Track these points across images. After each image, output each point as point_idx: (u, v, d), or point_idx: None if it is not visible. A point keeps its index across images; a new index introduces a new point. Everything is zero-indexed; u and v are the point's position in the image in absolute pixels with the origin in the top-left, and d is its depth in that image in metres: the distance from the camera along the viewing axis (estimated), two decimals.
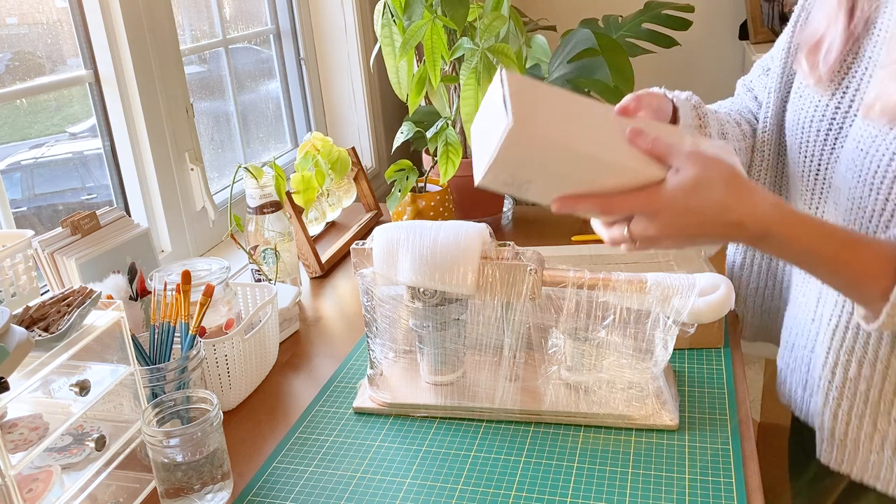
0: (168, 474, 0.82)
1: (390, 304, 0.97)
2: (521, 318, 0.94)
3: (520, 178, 0.75)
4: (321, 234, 1.69)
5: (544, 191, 0.77)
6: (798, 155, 0.95)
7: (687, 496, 0.81)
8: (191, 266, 1.03)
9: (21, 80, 1.29)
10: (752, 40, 2.91)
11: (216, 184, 1.78)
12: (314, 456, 0.93)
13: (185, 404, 0.86)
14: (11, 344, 0.70)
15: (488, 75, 1.38)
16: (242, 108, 1.95)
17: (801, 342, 0.99)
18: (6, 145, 1.33)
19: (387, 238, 0.94)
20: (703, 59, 3.09)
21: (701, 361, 1.06)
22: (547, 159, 0.73)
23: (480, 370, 1.01)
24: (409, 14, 1.43)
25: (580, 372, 0.96)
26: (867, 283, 0.76)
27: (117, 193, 1.49)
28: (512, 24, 1.47)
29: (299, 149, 1.61)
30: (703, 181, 0.73)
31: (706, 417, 0.94)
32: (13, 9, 1.31)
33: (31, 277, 1.04)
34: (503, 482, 0.86)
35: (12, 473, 0.71)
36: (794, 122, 0.95)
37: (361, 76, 2.25)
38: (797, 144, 0.95)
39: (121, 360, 0.86)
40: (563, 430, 0.94)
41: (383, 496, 0.85)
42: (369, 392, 1.02)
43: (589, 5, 2.94)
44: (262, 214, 1.28)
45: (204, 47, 1.79)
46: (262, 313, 1.08)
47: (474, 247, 0.91)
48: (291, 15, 2.15)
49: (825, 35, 0.89)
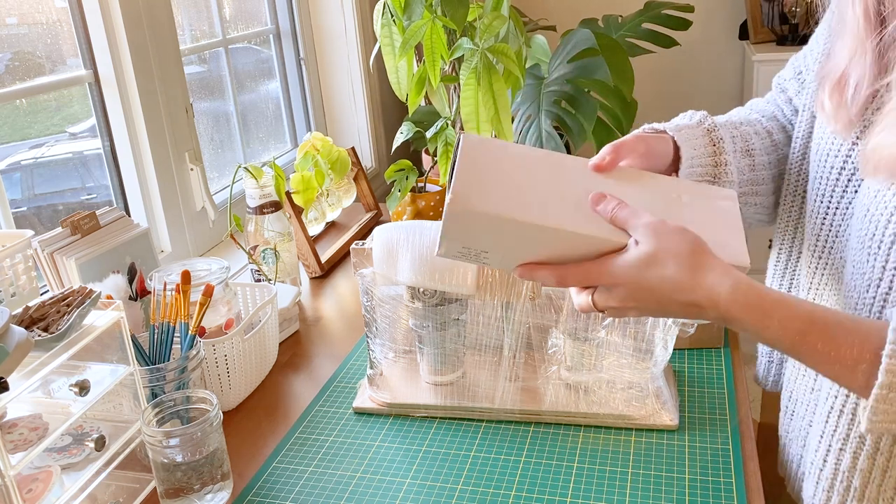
0: (168, 474, 0.82)
1: (390, 304, 0.97)
2: (521, 318, 0.94)
3: (474, 249, 0.73)
4: (321, 234, 1.69)
5: (503, 260, 0.74)
6: (813, 202, 0.85)
7: (687, 496, 0.81)
8: (190, 266, 1.02)
9: (21, 80, 1.29)
10: (752, 40, 2.91)
11: (216, 184, 1.78)
12: (314, 456, 0.93)
13: (184, 404, 0.86)
14: (11, 344, 0.70)
15: (488, 75, 1.38)
16: (242, 108, 1.95)
17: (801, 411, 0.90)
18: (6, 145, 1.33)
19: (387, 238, 0.94)
20: (703, 59, 3.09)
21: (701, 361, 1.06)
22: (494, 232, 0.71)
23: (480, 370, 1.01)
24: (408, 14, 1.43)
25: (580, 372, 0.96)
26: (849, 378, 0.66)
27: (117, 193, 1.49)
28: (512, 24, 1.47)
29: (299, 149, 1.61)
30: (656, 257, 0.68)
31: (706, 417, 0.94)
32: (13, 9, 1.31)
33: (31, 277, 1.04)
34: (503, 482, 0.86)
35: (12, 473, 0.71)
36: (814, 166, 0.84)
37: (361, 76, 2.25)
38: (812, 192, 0.85)
39: (120, 360, 0.86)
40: (563, 430, 0.94)
41: (383, 496, 0.85)
42: (369, 392, 1.02)
43: (589, 5, 2.95)
44: (261, 214, 1.28)
45: (204, 47, 1.79)
46: (262, 313, 1.08)
47: None
48: (291, 15, 2.15)
49: (849, 70, 0.76)
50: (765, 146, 0.94)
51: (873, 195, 0.72)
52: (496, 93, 1.39)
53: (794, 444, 0.92)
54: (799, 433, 0.91)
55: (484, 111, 1.39)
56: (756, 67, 2.70)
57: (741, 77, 3.08)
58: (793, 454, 0.93)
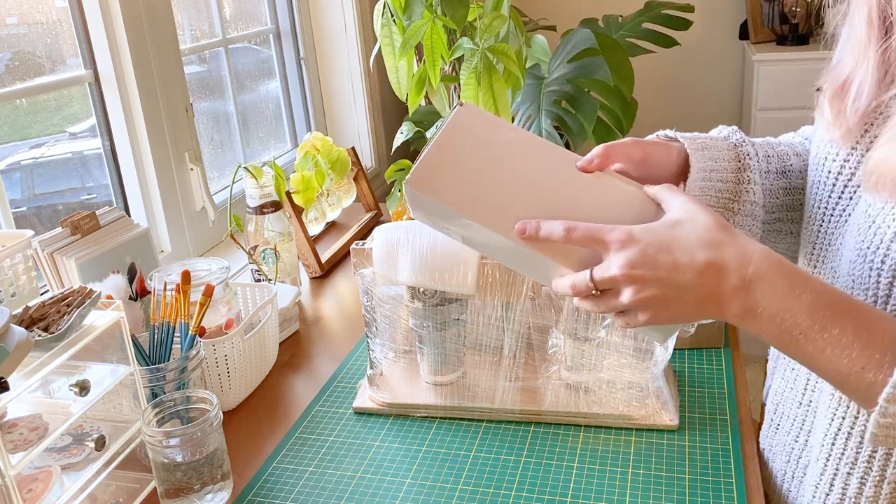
0: (168, 474, 0.82)
1: (390, 304, 0.97)
2: (521, 318, 0.94)
3: (436, 224, 0.73)
4: (321, 234, 1.69)
5: (466, 240, 0.74)
6: (809, 208, 0.82)
7: (687, 496, 0.81)
8: (190, 266, 1.02)
9: (21, 80, 1.29)
10: (752, 40, 2.91)
11: (216, 184, 1.78)
12: (314, 456, 0.93)
13: (184, 404, 0.86)
14: (11, 344, 0.70)
15: (488, 75, 1.38)
16: (242, 108, 1.95)
17: (786, 426, 0.86)
18: (6, 145, 1.33)
19: (387, 238, 0.94)
20: (703, 59, 3.09)
21: (701, 361, 1.06)
22: (447, 218, 0.70)
23: (480, 370, 1.01)
24: (408, 14, 1.43)
25: (580, 372, 0.96)
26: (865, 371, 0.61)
27: (117, 193, 1.49)
28: (512, 24, 1.47)
29: (299, 149, 1.61)
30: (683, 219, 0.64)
31: (706, 417, 0.94)
32: (13, 9, 1.31)
33: (31, 277, 1.04)
34: (503, 482, 0.86)
35: (12, 473, 0.71)
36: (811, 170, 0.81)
37: (361, 76, 2.25)
38: (809, 196, 0.82)
39: (120, 360, 0.86)
40: (563, 430, 0.94)
41: (383, 496, 0.85)
42: (369, 392, 1.02)
43: (589, 5, 2.95)
44: (261, 214, 1.28)
45: (204, 47, 1.79)
46: (262, 313, 1.08)
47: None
48: (291, 15, 2.15)
49: (853, 75, 0.72)
50: (800, 167, 0.88)
51: (879, 208, 0.68)
52: (496, 93, 1.39)
53: (778, 458, 0.89)
54: (783, 448, 0.87)
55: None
56: (756, 67, 2.70)
57: (741, 77, 3.08)
58: (777, 469, 0.89)
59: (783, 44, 2.82)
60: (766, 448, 0.93)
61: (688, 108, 3.18)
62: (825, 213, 0.78)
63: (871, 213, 0.68)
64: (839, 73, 0.74)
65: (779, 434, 0.89)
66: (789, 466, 0.86)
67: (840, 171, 0.75)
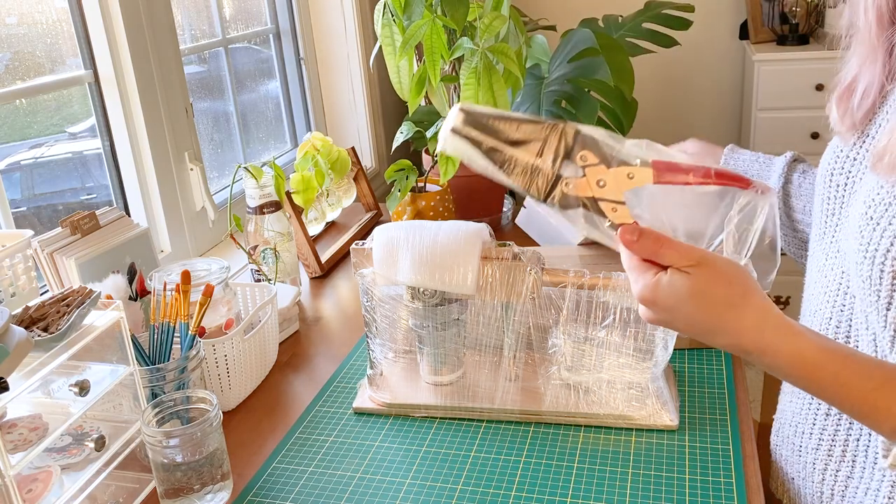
0: (168, 474, 0.82)
1: (390, 304, 0.97)
2: (521, 318, 0.94)
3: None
4: (321, 234, 1.69)
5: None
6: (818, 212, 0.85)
7: (687, 496, 0.81)
8: (190, 266, 1.02)
9: (21, 80, 1.29)
10: (752, 40, 2.91)
11: (216, 184, 1.78)
12: (314, 456, 0.93)
13: (184, 404, 0.86)
14: (11, 344, 0.70)
15: (488, 75, 1.38)
16: (242, 108, 1.95)
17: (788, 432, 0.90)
18: (6, 145, 1.33)
19: (387, 238, 0.94)
20: (703, 59, 3.09)
21: (701, 361, 1.06)
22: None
23: (480, 370, 1.00)
24: (409, 14, 1.43)
25: (580, 372, 0.96)
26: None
27: (117, 193, 1.49)
28: (512, 24, 1.47)
29: (299, 149, 1.61)
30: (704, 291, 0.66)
31: (706, 417, 0.94)
32: (13, 9, 1.30)
33: (31, 277, 1.04)
34: (503, 482, 0.86)
35: (12, 473, 0.71)
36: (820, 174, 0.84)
37: (361, 76, 2.25)
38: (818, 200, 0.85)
39: (120, 361, 0.86)
40: (563, 430, 0.94)
41: (383, 496, 0.85)
42: (369, 392, 1.02)
43: (589, 5, 2.94)
44: (261, 214, 1.28)
45: (204, 47, 1.79)
46: (262, 313, 1.08)
47: (474, 247, 0.91)
48: (291, 15, 2.15)
49: (859, 77, 0.77)
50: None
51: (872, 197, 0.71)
52: (496, 93, 1.38)
53: (789, 462, 0.92)
54: (793, 449, 0.90)
55: None
56: (756, 67, 2.70)
57: (741, 77, 3.08)
58: (787, 472, 0.92)
59: (783, 44, 2.82)
60: (774, 448, 0.95)
61: (688, 107, 3.18)
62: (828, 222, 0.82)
63: (868, 201, 0.71)
64: (847, 74, 0.79)
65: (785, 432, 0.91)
66: (804, 471, 0.88)
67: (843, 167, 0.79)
